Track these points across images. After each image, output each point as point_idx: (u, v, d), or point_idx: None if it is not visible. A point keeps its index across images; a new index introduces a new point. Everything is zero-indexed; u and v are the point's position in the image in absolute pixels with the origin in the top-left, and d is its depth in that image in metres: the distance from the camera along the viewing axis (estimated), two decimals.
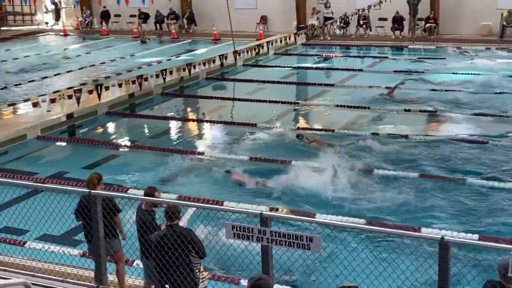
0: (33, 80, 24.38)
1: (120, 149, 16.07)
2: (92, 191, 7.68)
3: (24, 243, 10.31)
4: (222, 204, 11.64)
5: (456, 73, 23.72)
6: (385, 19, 32.48)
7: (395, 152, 15.14)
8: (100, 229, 7.66)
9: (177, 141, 16.66)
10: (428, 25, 31.47)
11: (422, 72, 24.24)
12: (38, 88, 23.21)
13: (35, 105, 16.77)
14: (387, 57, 27.94)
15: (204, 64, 23.52)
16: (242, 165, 14.39)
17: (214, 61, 24.24)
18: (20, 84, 23.80)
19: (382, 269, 6.86)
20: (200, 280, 7.60)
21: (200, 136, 17.11)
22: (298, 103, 20.28)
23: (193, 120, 18.91)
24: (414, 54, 28.39)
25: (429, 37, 31.25)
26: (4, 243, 10.41)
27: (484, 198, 12.40)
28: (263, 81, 23.40)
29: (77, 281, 8.34)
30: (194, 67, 22.76)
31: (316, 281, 6.90)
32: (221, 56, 24.61)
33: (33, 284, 6.17)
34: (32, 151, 16.01)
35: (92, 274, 8.42)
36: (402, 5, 30.90)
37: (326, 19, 32.93)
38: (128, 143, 16.50)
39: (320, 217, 10.86)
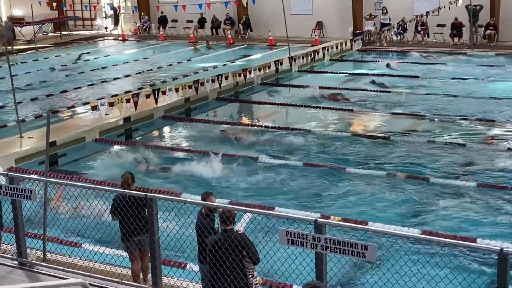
0: (92, 84, 24.94)
1: (175, 153, 16.23)
2: (148, 194, 7.78)
3: (80, 244, 10.51)
4: (273, 210, 11.64)
5: None
6: (443, 26, 31.97)
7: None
8: (156, 232, 7.75)
9: (231, 146, 16.73)
10: (488, 32, 30.82)
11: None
12: (97, 91, 23.75)
13: (94, 108, 17.10)
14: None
15: (260, 70, 23.58)
16: (296, 170, 14.38)
17: (269, 67, 24.28)
18: (79, 87, 24.36)
19: (438, 280, 6.75)
20: (254, 286, 7.60)
21: (253, 141, 17.13)
22: (352, 110, 20.12)
23: (247, 125, 18.97)
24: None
25: (488, 44, 30.59)
26: (61, 243, 10.64)
27: None
28: (318, 87, 23.33)
29: (133, 283, 8.46)
30: (250, 73, 22.84)
31: None
32: (276, 62, 24.64)
33: (90, 284, 6.29)
34: (90, 154, 16.34)
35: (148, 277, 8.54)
36: (461, 11, 30.35)
37: (383, 25, 32.64)
38: (183, 147, 16.65)
39: (373, 226, 10.77)
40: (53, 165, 15.10)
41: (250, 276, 7.55)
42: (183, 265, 9.77)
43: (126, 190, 8.52)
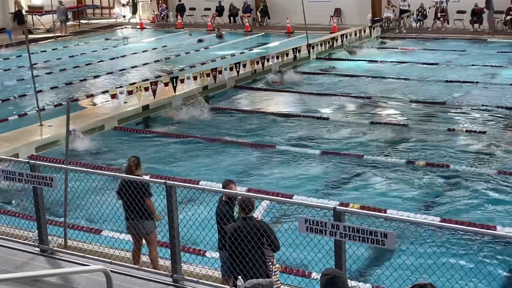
0: (111, 72, 25.04)
1: (194, 141, 16.26)
2: (167, 182, 7.82)
3: (101, 231, 10.61)
4: (292, 198, 11.66)
5: None
6: (463, 12, 31.62)
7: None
8: (175, 219, 7.78)
9: (250, 134, 16.74)
10: (508, 17, 30.43)
11: None
12: (116, 80, 23.85)
13: (113, 96, 17.19)
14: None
15: (277, 57, 23.51)
16: (315, 159, 14.38)
17: (287, 54, 24.21)
18: (98, 76, 24.48)
19: (459, 267, 6.72)
20: (273, 273, 7.63)
21: (272, 128, 17.13)
22: (370, 97, 20.02)
23: (265, 113, 18.92)
24: None
25: (509, 31, 30.21)
26: (82, 230, 10.74)
27: None
28: (337, 74, 23.26)
29: (152, 269, 8.53)
30: (268, 60, 22.79)
31: (390, 278, 6.80)
32: (294, 49, 24.55)
33: (111, 271, 6.34)
34: (110, 141, 16.43)
35: (167, 263, 8.60)
36: None
37: (402, 11, 32.35)
38: (202, 135, 16.67)
39: (392, 213, 10.74)
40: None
41: (269, 263, 7.58)
42: (202, 252, 9.83)
43: (144, 178, 8.61)
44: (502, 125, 16.79)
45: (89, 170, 10.30)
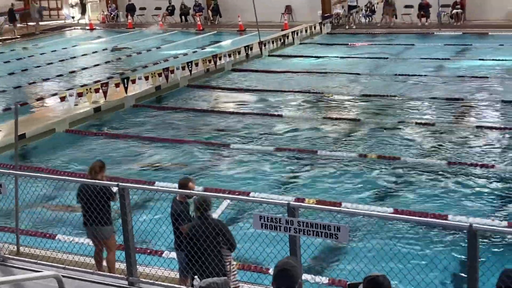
0: (60, 75, 24.65)
1: (148, 142, 16.14)
2: (120, 184, 7.75)
3: (55, 236, 10.44)
4: (248, 195, 11.70)
5: None
6: (411, 6, 32.14)
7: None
8: (129, 222, 7.72)
9: (203, 133, 16.70)
10: (454, 11, 31.07)
11: None
12: (66, 82, 23.48)
13: (62, 99, 16.94)
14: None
15: (230, 56, 23.52)
16: (270, 156, 14.44)
17: (239, 52, 24.24)
18: (48, 78, 24.07)
19: (410, 257, 6.84)
20: (231, 274, 7.61)
21: (225, 127, 17.13)
22: (322, 93, 20.20)
23: (219, 112, 18.91)
24: None
25: (456, 24, 30.85)
26: (35, 236, 10.56)
27: None
28: (289, 72, 23.37)
29: (107, 273, 8.45)
30: (220, 59, 22.78)
31: (344, 270, 6.90)
32: (246, 47, 24.59)
33: (63, 276, 6.25)
34: (61, 145, 16.18)
35: (122, 266, 8.53)
36: None
37: (351, 7, 32.70)
38: (155, 136, 16.56)
39: (347, 207, 10.88)
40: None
41: (227, 263, 7.57)
42: (159, 253, 9.77)
43: (97, 181, 8.51)
44: (451, 116, 17.14)
45: (39, 174, 10.14)
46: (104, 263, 9.02)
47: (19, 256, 9.01)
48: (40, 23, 36.72)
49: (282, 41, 27.45)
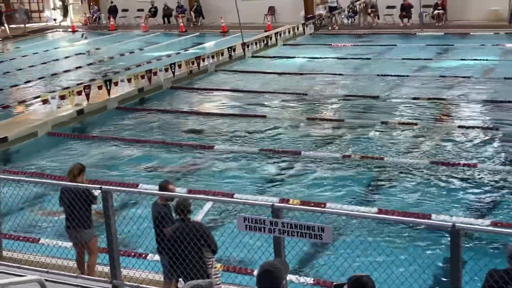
0: (42, 77, 24.49)
1: (131, 144, 16.08)
2: (103, 187, 7.71)
3: (38, 240, 10.37)
4: (232, 197, 11.69)
5: None
6: (393, 7, 32.31)
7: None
8: (112, 225, 7.68)
9: (187, 135, 16.67)
10: (436, 12, 31.27)
11: None
12: (48, 85, 23.33)
13: (45, 102, 16.84)
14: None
15: (213, 57, 23.51)
16: (254, 157, 14.44)
17: (222, 54, 24.22)
18: (30, 81, 23.90)
19: (394, 257, 6.87)
20: (214, 276, 7.60)
21: (209, 129, 17.11)
22: (306, 94, 20.24)
23: (202, 113, 18.88)
24: None
25: (437, 24, 31.05)
26: (18, 240, 10.47)
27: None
28: (273, 73, 23.39)
29: (91, 277, 8.40)
30: (203, 60, 22.75)
31: (328, 271, 6.91)
32: (229, 49, 24.59)
33: (47, 280, 6.21)
34: (44, 148, 16.07)
35: (106, 269, 8.48)
36: None
37: (332, 8, 32.79)
38: (138, 138, 16.50)
39: (331, 207, 10.91)
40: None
41: (209, 265, 7.55)
42: (144, 255, 9.72)
43: (79, 184, 8.46)
44: (433, 116, 17.25)
45: (21, 178, 10.06)
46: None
47: (2, 260, 8.95)
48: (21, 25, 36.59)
49: (265, 42, 27.49)
